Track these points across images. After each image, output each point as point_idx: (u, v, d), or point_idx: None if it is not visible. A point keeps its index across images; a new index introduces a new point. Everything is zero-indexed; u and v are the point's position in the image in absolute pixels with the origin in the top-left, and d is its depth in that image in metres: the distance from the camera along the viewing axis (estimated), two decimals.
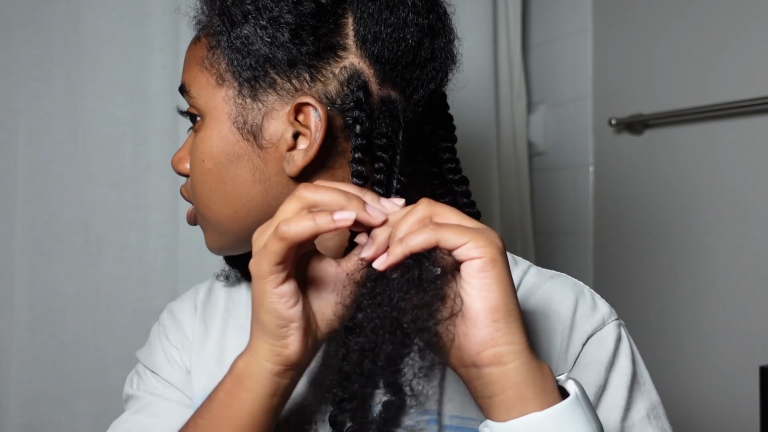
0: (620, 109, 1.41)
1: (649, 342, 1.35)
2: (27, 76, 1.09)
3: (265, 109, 0.59)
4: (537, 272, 0.68)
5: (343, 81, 0.58)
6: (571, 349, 0.62)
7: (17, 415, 1.07)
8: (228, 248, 0.66)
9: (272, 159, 0.60)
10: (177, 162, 0.66)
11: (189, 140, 0.66)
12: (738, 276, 1.19)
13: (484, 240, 0.47)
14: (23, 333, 1.08)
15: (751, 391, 1.14)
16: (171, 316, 0.75)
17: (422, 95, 0.62)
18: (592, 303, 0.65)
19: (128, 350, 1.13)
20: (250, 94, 0.59)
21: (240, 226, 0.62)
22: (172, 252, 1.18)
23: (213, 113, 0.61)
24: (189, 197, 0.66)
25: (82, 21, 1.12)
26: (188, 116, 0.65)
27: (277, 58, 0.58)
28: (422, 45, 0.61)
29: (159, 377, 0.71)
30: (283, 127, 0.59)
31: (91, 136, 1.13)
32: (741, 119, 1.18)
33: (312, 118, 0.58)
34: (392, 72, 0.60)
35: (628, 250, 1.42)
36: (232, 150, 0.60)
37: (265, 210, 0.61)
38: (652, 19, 1.35)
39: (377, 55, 0.59)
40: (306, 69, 0.58)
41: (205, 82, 0.61)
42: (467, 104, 1.44)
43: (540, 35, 1.65)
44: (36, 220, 1.09)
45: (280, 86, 0.58)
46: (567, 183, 1.57)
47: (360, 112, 0.58)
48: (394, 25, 0.59)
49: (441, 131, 0.70)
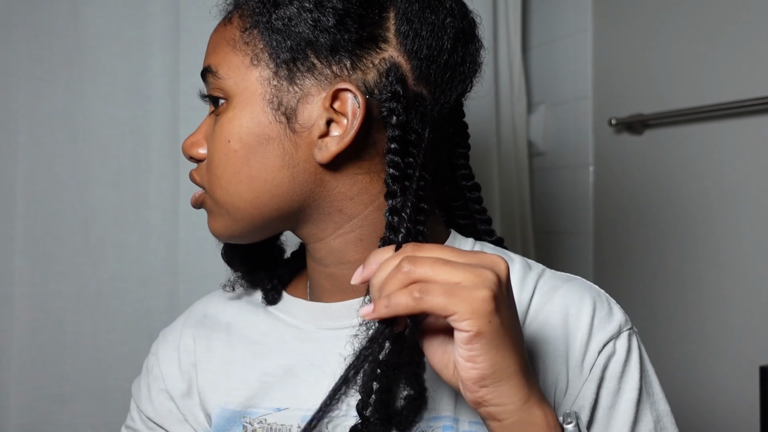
0: (620, 109, 1.42)
1: (649, 342, 1.35)
2: (27, 76, 1.09)
3: (301, 93, 0.58)
4: (552, 276, 0.67)
5: (383, 72, 0.58)
6: (587, 357, 0.61)
7: (17, 415, 1.07)
8: (239, 235, 0.64)
9: (303, 144, 0.59)
10: (190, 146, 0.64)
11: (205, 125, 0.64)
12: (738, 276, 1.19)
13: (470, 311, 0.45)
14: (23, 333, 1.08)
15: (751, 391, 1.14)
16: (163, 340, 0.74)
17: (449, 98, 0.63)
18: (609, 309, 0.64)
19: (128, 350, 1.13)
20: (286, 77, 0.58)
21: (259, 212, 0.61)
22: (172, 252, 1.18)
23: (244, 94, 0.60)
24: (201, 182, 0.65)
25: (82, 21, 1.12)
26: (209, 100, 0.63)
27: (320, 42, 0.57)
28: (456, 48, 0.62)
29: (142, 414, 0.71)
30: (318, 112, 0.58)
31: (91, 136, 1.13)
32: (741, 119, 1.18)
33: (350, 105, 0.58)
34: (427, 70, 0.60)
35: (628, 250, 1.42)
36: (263, 132, 0.59)
37: (289, 197, 0.60)
38: (652, 20, 1.35)
39: (416, 52, 0.59)
40: (347, 56, 0.58)
41: (237, 63, 0.60)
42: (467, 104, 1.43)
43: (540, 35, 1.65)
44: (36, 220, 1.09)
45: (319, 71, 0.58)
46: (567, 183, 1.57)
47: (397, 103, 0.58)
48: (434, 25, 0.60)
49: (458, 137, 0.71)
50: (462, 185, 0.72)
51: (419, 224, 0.61)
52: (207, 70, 0.62)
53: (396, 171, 0.57)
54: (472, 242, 0.70)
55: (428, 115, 0.61)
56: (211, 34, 0.64)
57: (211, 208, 0.64)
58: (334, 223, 0.63)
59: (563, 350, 0.61)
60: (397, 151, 0.58)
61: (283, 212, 0.61)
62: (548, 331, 0.62)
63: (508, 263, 0.66)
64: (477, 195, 0.72)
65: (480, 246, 0.70)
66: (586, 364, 0.61)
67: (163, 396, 0.70)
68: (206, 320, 0.73)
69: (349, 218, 0.62)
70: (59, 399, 1.10)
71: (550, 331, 0.62)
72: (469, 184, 0.72)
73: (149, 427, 0.70)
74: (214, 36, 0.64)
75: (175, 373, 0.70)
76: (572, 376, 0.61)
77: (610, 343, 0.61)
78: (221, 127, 0.60)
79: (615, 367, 0.61)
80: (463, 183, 0.72)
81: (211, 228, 0.65)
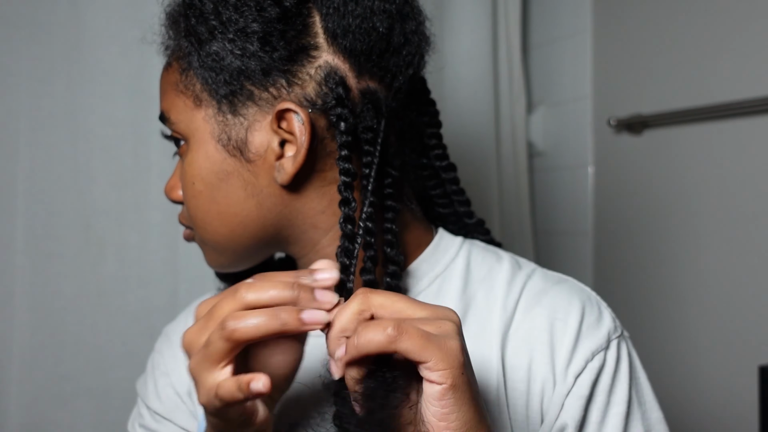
0: (620, 109, 1.42)
1: (648, 342, 1.35)
2: (27, 76, 1.09)
3: (247, 122, 0.58)
4: (542, 277, 0.65)
5: (321, 80, 0.57)
6: (573, 364, 0.59)
7: (17, 415, 1.07)
8: (229, 265, 0.65)
9: (262, 171, 0.59)
10: (170, 190, 0.65)
11: (177, 167, 0.65)
12: (738, 276, 1.19)
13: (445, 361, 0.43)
14: (23, 333, 1.08)
15: (751, 391, 1.14)
16: (166, 339, 0.74)
17: (402, 82, 0.61)
18: (598, 314, 0.63)
19: (128, 350, 1.13)
20: (229, 110, 0.58)
21: (237, 243, 0.62)
22: (172, 252, 1.18)
23: (196, 135, 0.60)
24: (187, 223, 0.66)
25: (82, 21, 1.12)
26: (173, 141, 0.64)
27: (251, 68, 0.57)
28: (393, 31, 0.60)
29: (150, 410, 0.71)
30: (268, 137, 0.58)
31: (91, 136, 1.13)
32: (741, 119, 1.18)
33: (295, 123, 0.57)
34: (368, 63, 0.59)
35: (628, 250, 1.42)
36: (221, 168, 0.59)
37: (261, 224, 0.60)
38: (652, 19, 1.36)
39: (350, 48, 0.58)
40: (281, 75, 0.57)
41: (182, 106, 0.60)
42: (467, 104, 1.44)
43: (540, 35, 1.65)
44: (36, 220, 1.09)
45: (258, 97, 0.57)
46: (567, 183, 1.57)
47: (342, 108, 0.57)
48: (362, 15, 0.58)
49: (425, 117, 0.69)
50: (436, 166, 0.70)
51: (387, 222, 0.60)
52: (162, 116, 0.63)
53: (347, 177, 0.56)
54: (460, 241, 0.68)
55: (383, 106, 0.59)
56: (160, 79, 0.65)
57: (199, 244, 0.66)
58: (311, 240, 0.62)
59: (549, 356, 0.60)
60: (346, 157, 0.56)
61: (260, 239, 0.62)
62: (535, 335, 0.61)
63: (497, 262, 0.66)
64: (453, 175, 0.70)
65: (469, 244, 0.68)
66: (571, 371, 0.59)
67: (170, 390, 0.70)
68: None
69: (325, 232, 0.62)
70: (59, 399, 1.10)
71: (536, 335, 0.61)
72: (443, 164, 0.70)
73: (157, 421, 0.70)
74: (161, 81, 0.64)
75: (180, 370, 0.71)
76: (557, 381, 0.59)
77: (599, 355, 0.60)
78: (185, 170, 0.61)
79: (605, 380, 0.60)
80: (437, 164, 0.70)
81: (206, 261, 0.66)
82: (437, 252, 0.66)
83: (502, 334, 0.61)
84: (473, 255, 0.67)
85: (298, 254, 0.65)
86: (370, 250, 0.57)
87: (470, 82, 1.45)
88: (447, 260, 0.66)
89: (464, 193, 0.71)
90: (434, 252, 0.66)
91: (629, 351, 0.63)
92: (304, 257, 0.64)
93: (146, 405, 0.71)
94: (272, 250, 0.66)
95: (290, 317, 0.45)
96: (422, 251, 0.66)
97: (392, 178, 0.61)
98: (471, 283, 0.64)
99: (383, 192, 0.61)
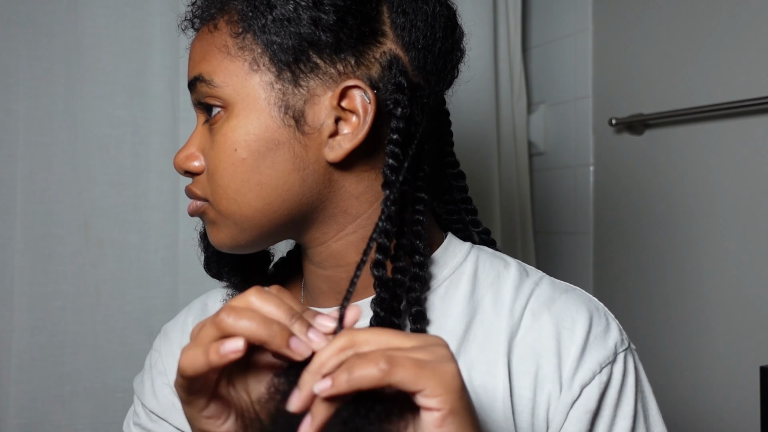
0: (620, 109, 1.41)
1: (649, 342, 1.35)
2: (27, 76, 1.09)
3: (307, 94, 0.57)
4: (550, 285, 0.64)
5: (385, 65, 0.58)
6: (579, 375, 0.59)
7: (17, 415, 1.07)
8: (244, 245, 0.62)
9: (313, 145, 0.58)
10: (185, 160, 0.62)
11: (198, 136, 0.62)
12: (738, 276, 1.19)
13: (442, 387, 0.41)
14: (23, 333, 1.08)
15: (751, 391, 1.14)
16: (165, 337, 0.74)
17: (443, 87, 0.64)
18: (606, 325, 0.62)
19: (128, 350, 1.13)
20: (290, 79, 0.57)
21: (269, 219, 0.59)
22: (172, 252, 1.18)
23: (247, 100, 0.58)
24: (203, 195, 0.62)
25: (82, 21, 1.12)
26: (202, 108, 0.61)
27: (323, 41, 0.56)
28: (446, 37, 0.62)
29: (146, 409, 0.70)
30: (326, 112, 0.58)
31: (90, 136, 1.13)
32: (741, 119, 1.18)
33: (359, 101, 0.57)
34: (424, 60, 0.60)
35: (628, 250, 1.42)
36: (272, 137, 0.57)
37: (298, 201, 0.59)
38: (652, 19, 1.35)
39: (413, 43, 0.60)
40: (351, 53, 0.57)
41: (234, 69, 0.58)
42: (467, 104, 1.44)
43: (540, 35, 1.65)
44: (36, 220, 1.09)
45: (323, 71, 0.57)
46: (567, 183, 1.57)
47: (402, 95, 0.58)
48: (426, 15, 0.60)
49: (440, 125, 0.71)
50: (448, 173, 0.71)
51: (417, 214, 0.61)
52: (199, 78, 0.60)
53: (395, 161, 0.57)
54: (469, 246, 0.68)
55: (426, 105, 0.61)
56: (194, 42, 0.62)
57: (214, 219, 0.62)
58: (338, 224, 0.62)
59: (556, 364, 0.59)
60: (398, 142, 0.57)
61: (292, 217, 0.60)
62: (543, 343, 0.60)
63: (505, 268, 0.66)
64: (462, 183, 0.72)
65: (478, 249, 0.68)
66: (578, 380, 0.59)
67: (167, 390, 0.70)
68: (205, 313, 0.73)
69: (353, 218, 0.62)
70: (59, 399, 1.10)
71: (544, 343, 0.60)
72: (455, 171, 0.71)
73: (153, 420, 0.70)
74: (198, 44, 0.61)
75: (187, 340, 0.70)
76: (563, 389, 0.59)
77: (606, 368, 0.59)
78: (224, 136, 0.58)
79: (612, 394, 0.59)
80: (449, 171, 0.71)
81: (213, 239, 0.63)
82: (446, 255, 0.66)
83: (509, 340, 0.61)
84: (481, 260, 0.66)
85: (318, 242, 0.63)
86: (402, 239, 0.58)
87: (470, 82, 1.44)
88: (455, 263, 0.66)
89: (471, 201, 0.72)
90: (443, 254, 0.66)
91: (635, 364, 0.62)
92: (322, 245, 0.63)
93: (142, 403, 0.71)
94: (291, 234, 0.64)
95: (280, 334, 0.43)
96: (433, 252, 0.66)
97: (424, 173, 0.62)
98: (479, 288, 0.64)
99: (417, 184, 0.62)
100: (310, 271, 0.66)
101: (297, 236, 0.64)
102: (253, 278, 0.70)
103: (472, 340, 0.61)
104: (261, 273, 0.71)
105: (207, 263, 0.70)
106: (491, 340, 0.61)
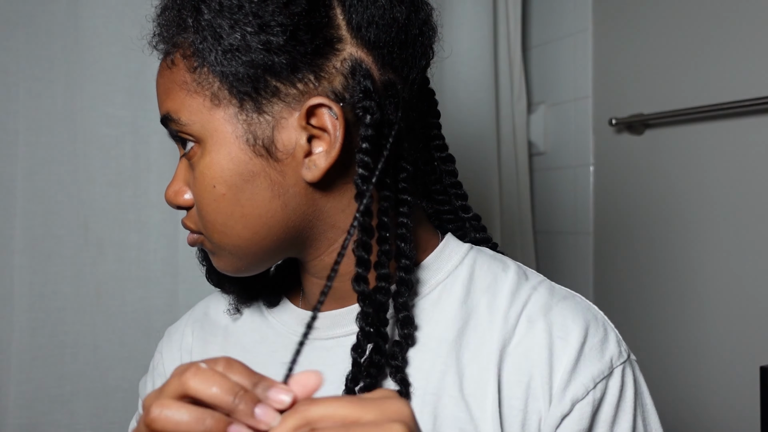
0: (620, 109, 1.41)
1: (649, 342, 1.35)
2: (27, 76, 1.09)
3: (273, 120, 0.56)
4: (548, 291, 0.62)
5: (347, 73, 0.56)
6: (571, 389, 0.57)
7: (17, 415, 1.07)
8: (246, 269, 0.62)
9: (289, 170, 0.57)
10: (174, 195, 0.62)
11: (182, 170, 0.62)
12: (738, 276, 1.19)
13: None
14: (23, 333, 1.08)
15: (751, 391, 1.14)
16: (168, 340, 0.74)
17: (417, 73, 0.60)
18: (603, 335, 0.59)
19: (128, 350, 1.13)
20: (253, 108, 0.55)
21: (259, 247, 0.59)
22: (172, 252, 1.18)
23: (215, 136, 0.56)
24: (197, 228, 0.62)
25: (82, 21, 1.12)
26: (179, 142, 0.60)
27: (277, 64, 0.54)
28: (410, 21, 0.58)
29: None
30: (296, 134, 0.56)
31: (90, 136, 1.13)
32: (741, 119, 1.18)
33: (327, 118, 0.55)
34: (390, 54, 0.57)
35: (628, 250, 1.42)
36: (246, 169, 0.56)
37: (285, 225, 0.58)
38: (652, 19, 1.35)
39: (374, 41, 0.56)
40: (309, 69, 0.55)
41: (197, 106, 0.57)
42: (467, 104, 1.44)
43: (540, 35, 1.65)
44: (36, 220, 1.09)
45: (284, 93, 0.55)
46: (567, 183, 1.57)
47: (369, 101, 0.55)
48: (384, 6, 0.57)
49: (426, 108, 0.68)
50: (436, 157, 0.68)
51: (401, 216, 0.59)
52: (167, 117, 0.59)
53: (365, 171, 0.55)
54: (467, 249, 0.66)
55: (401, 99, 0.58)
56: (157, 78, 0.61)
57: (212, 249, 0.62)
58: (327, 239, 0.61)
59: (548, 375, 0.57)
60: (368, 151, 0.55)
61: (282, 241, 0.60)
62: (536, 351, 0.58)
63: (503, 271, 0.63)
64: (452, 168, 0.69)
65: (476, 252, 0.66)
66: (569, 394, 0.56)
67: None
68: (206, 320, 0.73)
69: (342, 231, 0.61)
70: (59, 399, 1.10)
71: (537, 351, 0.58)
72: (443, 155, 0.68)
73: None
74: (161, 80, 0.60)
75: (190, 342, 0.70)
76: (553, 401, 0.57)
77: (600, 384, 0.57)
78: (201, 173, 0.58)
79: (606, 410, 0.57)
80: (437, 155, 0.68)
81: (218, 266, 0.63)
82: (440, 259, 0.65)
83: (502, 348, 0.59)
84: (478, 263, 0.65)
85: (312, 256, 0.63)
86: (384, 245, 0.56)
87: (470, 82, 1.45)
88: (450, 267, 0.64)
89: (461, 186, 0.70)
90: (437, 259, 0.64)
91: (635, 377, 0.60)
92: (316, 259, 0.63)
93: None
94: (288, 253, 0.63)
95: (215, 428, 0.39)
96: (426, 256, 0.64)
97: (407, 173, 0.60)
98: (473, 293, 0.62)
99: (398, 186, 0.60)
100: (307, 279, 0.66)
101: (295, 254, 0.64)
102: (254, 285, 0.69)
103: (464, 347, 0.59)
104: (261, 278, 0.70)
105: (208, 274, 0.70)
106: (484, 347, 0.59)
